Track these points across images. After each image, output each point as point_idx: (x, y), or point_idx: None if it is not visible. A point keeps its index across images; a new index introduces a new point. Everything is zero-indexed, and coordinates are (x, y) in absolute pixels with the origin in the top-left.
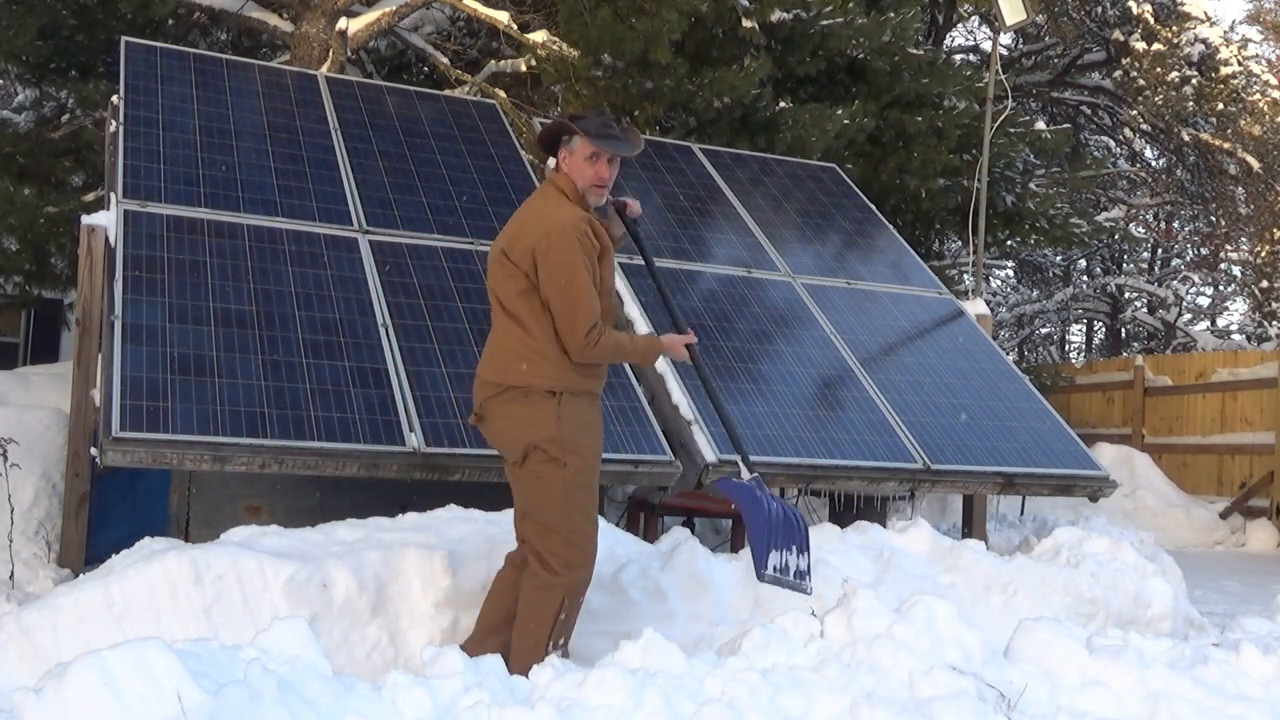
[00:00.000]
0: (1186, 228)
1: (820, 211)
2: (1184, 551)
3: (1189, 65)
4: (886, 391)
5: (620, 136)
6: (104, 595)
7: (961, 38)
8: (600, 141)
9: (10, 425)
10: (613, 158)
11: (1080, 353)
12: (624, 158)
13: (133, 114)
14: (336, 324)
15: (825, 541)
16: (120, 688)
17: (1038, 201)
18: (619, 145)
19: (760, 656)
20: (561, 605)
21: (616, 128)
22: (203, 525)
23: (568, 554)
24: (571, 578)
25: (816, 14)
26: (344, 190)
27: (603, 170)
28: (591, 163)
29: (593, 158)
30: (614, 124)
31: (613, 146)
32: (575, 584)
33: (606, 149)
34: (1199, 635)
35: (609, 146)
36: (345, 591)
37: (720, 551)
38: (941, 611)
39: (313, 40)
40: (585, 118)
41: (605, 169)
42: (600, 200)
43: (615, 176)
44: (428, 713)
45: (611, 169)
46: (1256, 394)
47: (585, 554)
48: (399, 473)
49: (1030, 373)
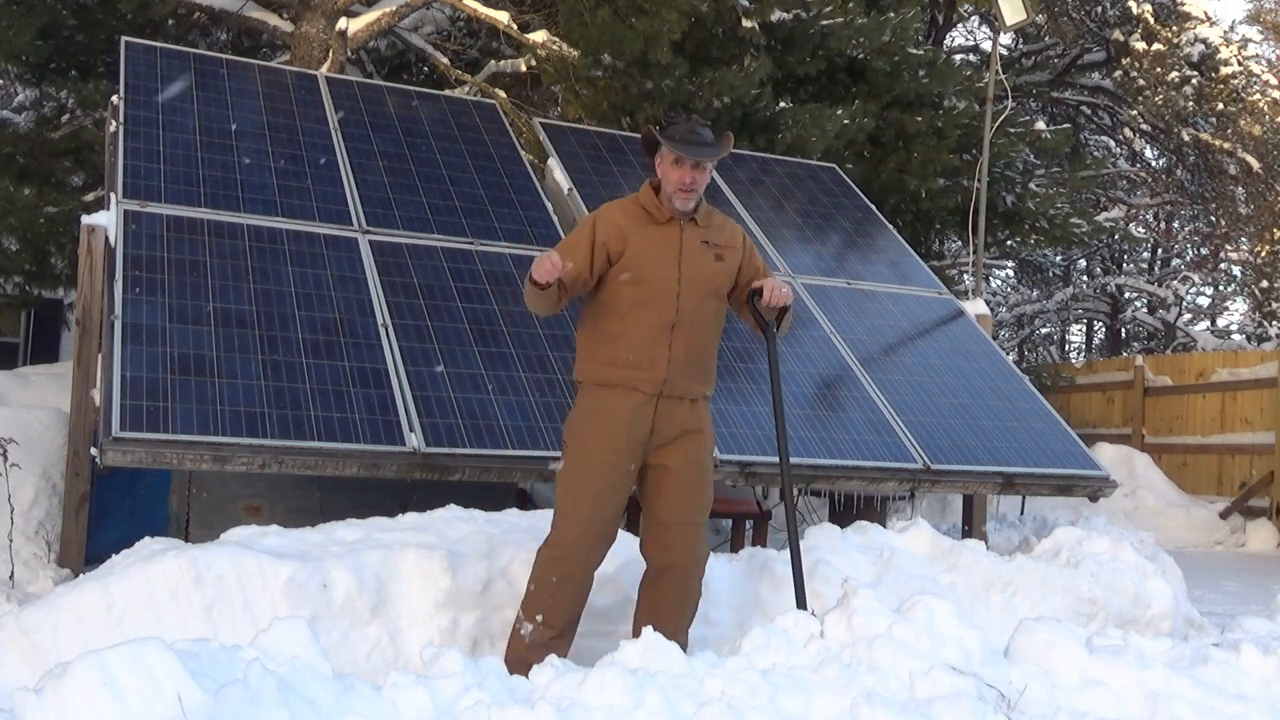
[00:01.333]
0: (1186, 228)
1: (820, 211)
2: (1184, 551)
3: (1189, 65)
4: (886, 391)
5: (705, 141)
6: (104, 595)
7: (961, 38)
8: (679, 146)
9: (10, 425)
10: (697, 163)
11: (1080, 353)
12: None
13: (133, 114)
14: (336, 324)
15: (825, 541)
16: (120, 688)
17: (1038, 201)
18: (699, 150)
19: (760, 656)
20: (533, 577)
21: (707, 132)
22: (203, 525)
23: (551, 533)
24: (545, 554)
25: (816, 14)
26: (344, 190)
27: (685, 175)
28: (676, 167)
29: (677, 163)
30: (704, 128)
31: (692, 152)
32: (545, 561)
33: (688, 154)
34: (1199, 635)
35: (689, 152)
36: (345, 591)
37: (720, 551)
38: (941, 611)
39: (313, 40)
40: (675, 124)
41: (688, 174)
42: (688, 204)
43: (706, 179)
44: (428, 713)
45: (696, 173)
46: (1256, 394)
47: (562, 537)
48: (399, 473)
49: (1030, 373)
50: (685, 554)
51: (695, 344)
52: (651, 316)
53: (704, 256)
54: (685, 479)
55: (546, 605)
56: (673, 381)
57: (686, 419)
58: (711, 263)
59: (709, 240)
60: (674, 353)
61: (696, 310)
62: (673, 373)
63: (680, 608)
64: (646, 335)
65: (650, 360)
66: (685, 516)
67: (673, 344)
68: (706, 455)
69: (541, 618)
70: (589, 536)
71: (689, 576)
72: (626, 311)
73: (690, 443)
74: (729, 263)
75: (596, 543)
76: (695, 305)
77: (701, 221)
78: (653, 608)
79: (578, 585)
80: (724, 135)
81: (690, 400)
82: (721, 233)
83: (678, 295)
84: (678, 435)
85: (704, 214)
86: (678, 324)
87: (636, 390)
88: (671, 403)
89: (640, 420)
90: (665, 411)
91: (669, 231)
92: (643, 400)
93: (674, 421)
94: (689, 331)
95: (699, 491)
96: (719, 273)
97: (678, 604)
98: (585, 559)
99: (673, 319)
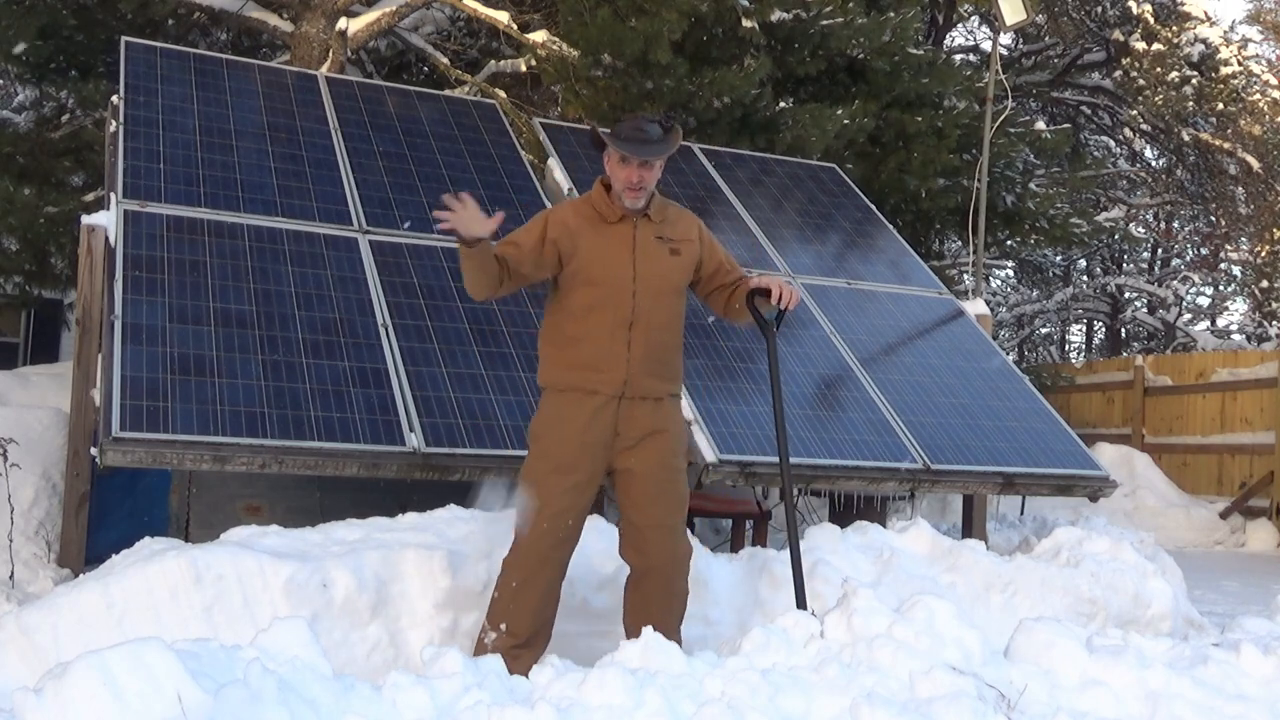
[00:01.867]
0: (1186, 228)
1: (820, 211)
2: (1184, 551)
3: (1189, 65)
4: (886, 391)
5: (650, 139)
6: (104, 595)
7: (961, 38)
8: (624, 145)
9: (10, 425)
10: (644, 161)
11: (1080, 353)
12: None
13: (133, 114)
14: (336, 324)
15: (825, 541)
16: (120, 688)
17: (1038, 201)
18: (644, 149)
19: (760, 656)
20: (497, 584)
21: (654, 128)
22: (203, 525)
23: (514, 537)
24: (507, 559)
25: (816, 14)
26: (344, 190)
27: (632, 174)
28: (623, 166)
29: (623, 161)
30: (651, 124)
31: (637, 150)
32: (506, 566)
33: (633, 153)
34: (1199, 635)
35: (634, 151)
36: (345, 591)
37: (720, 551)
38: (941, 611)
39: (313, 40)
40: (623, 122)
41: (635, 173)
42: (638, 202)
43: (655, 176)
44: (428, 713)
45: (644, 171)
46: (1256, 394)
47: (520, 537)
48: (399, 473)
49: (1030, 373)
50: (662, 557)
51: (655, 343)
52: (608, 317)
53: (659, 253)
54: (653, 481)
55: (509, 612)
56: (633, 382)
57: (651, 420)
58: (667, 259)
59: (663, 236)
60: (633, 353)
61: (654, 308)
62: (633, 373)
63: (667, 609)
64: (604, 336)
65: (609, 362)
66: (658, 519)
67: (631, 344)
68: (675, 455)
69: (505, 626)
70: (548, 538)
71: (671, 579)
72: (583, 314)
73: (656, 444)
74: (686, 257)
75: (557, 546)
76: (652, 303)
77: (655, 217)
78: (639, 610)
79: (540, 591)
80: (672, 131)
81: (655, 400)
82: (676, 227)
83: (634, 294)
84: (643, 437)
85: (657, 209)
86: (635, 323)
87: (597, 393)
88: (634, 404)
89: (600, 423)
90: (628, 413)
91: (621, 230)
92: (603, 402)
93: (637, 423)
94: (647, 330)
95: (670, 493)
96: (675, 268)
97: (664, 606)
98: (545, 561)
99: (630, 318)
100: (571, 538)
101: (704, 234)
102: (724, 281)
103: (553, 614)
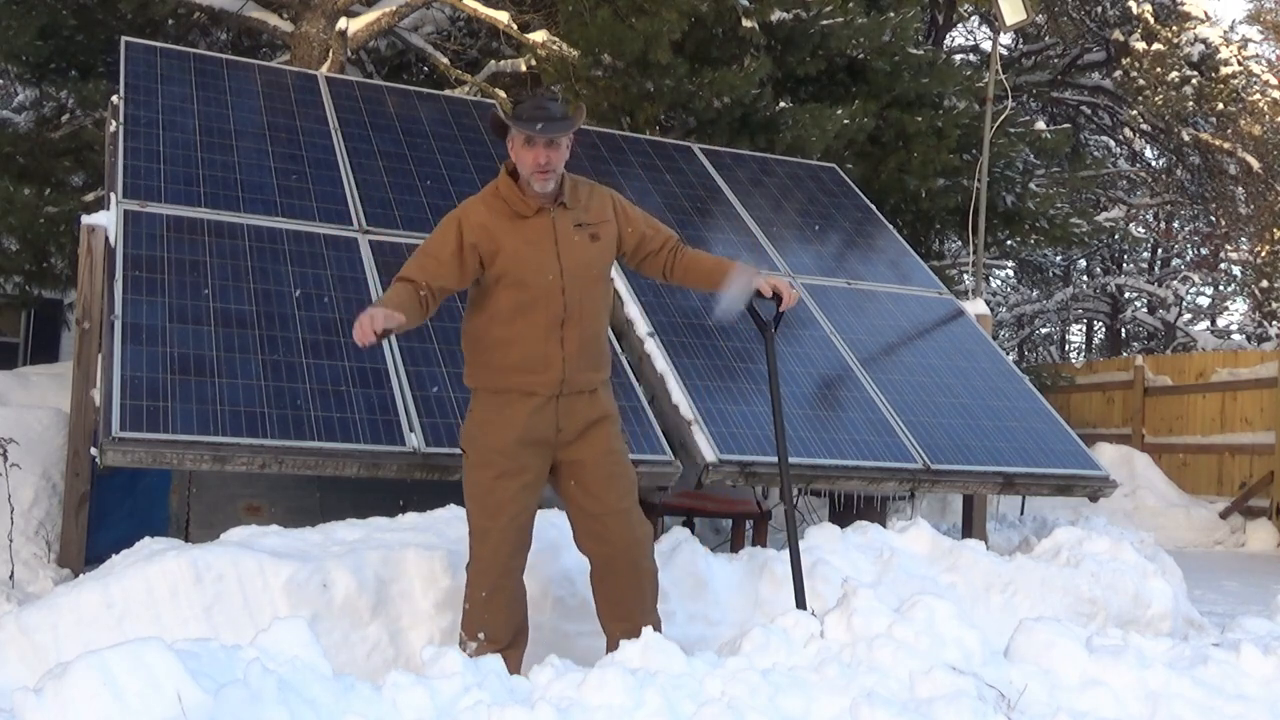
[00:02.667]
0: (1186, 228)
1: (820, 211)
2: (1184, 551)
3: (1189, 65)
4: (886, 391)
5: (552, 116)
6: (104, 595)
7: (961, 38)
8: (525, 125)
9: (10, 425)
10: (550, 140)
11: (1080, 353)
12: (564, 137)
13: (133, 114)
14: (336, 324)
15: (825, 541)
16: (120, 688)
17: (1038, 201)
18: (548, 127)
19: (760, 656)
20: (466, 595)
21: (556, 106)
22: (203, 525)
23: (470, 548)
24: (470, 570)
25: (816, 14)
26: (344, 190)
27: (539, 155)
28: (528, 148)
29: (528, 143)
30: (552, 102)
31: (541, 129)
32: (472, 577)
33: (535, 132)
34: (1199, 635)
35: (536, 130)
36: (345, 591)
37: (720, 551)
38: (941, 611)
39: (313, 40)
40: (522, 101)
41: (542, 153)
42: (547, 185)
43: (563, 156)
44: (428, 713)
45: (551, 152)
46: (1256, 394)
47: (481, 548)
48: (399, 473)
49: (1030, 373)
50: (623, 540)
51: (587, 335)
52: (539, 318)
53: (581, 242)
54: (603, 468)
55: (484, 620)
56: (570, 379)
57: (590, 410)
58: (589, 246)
59: (582, 223)
60: (567, 350)
61: (584, 300)
62: (569, 370)
63: (638, 592)
64: (536, 337)
65: (544, 363)
66: (613, 504)
67: (565, 341)
68: (617, 439)
69: (484, 634)
70: (506, 545)
71: (636, 559)
72: (512, 316)
73: (599, 431)
74: (606, 239)
75: (515, 550)
76: (582, 296)
77: (570, 203)
78: (612, 601)
79: (508, 595)
80: (575, 108)
81: (590, 392)
82: (590, 210)
83: (563, 290)
84: (585, 428)
85: (570, 193)
86: (567, 320)
87: (534, 394)
88: (572, 399)
89: (540, 422)
90: (567, 409)
91: (540, 225)
92: (541, 402)
93: (578, 416)
94: (579, 324)
95: (621, 476)
96: (598, 254)
97: (634, 589)
98: (507, 567)
99: (562, 315)
100: (528, 540)
101: (619, 206)
102: (651, 249)
103: (525, 613)
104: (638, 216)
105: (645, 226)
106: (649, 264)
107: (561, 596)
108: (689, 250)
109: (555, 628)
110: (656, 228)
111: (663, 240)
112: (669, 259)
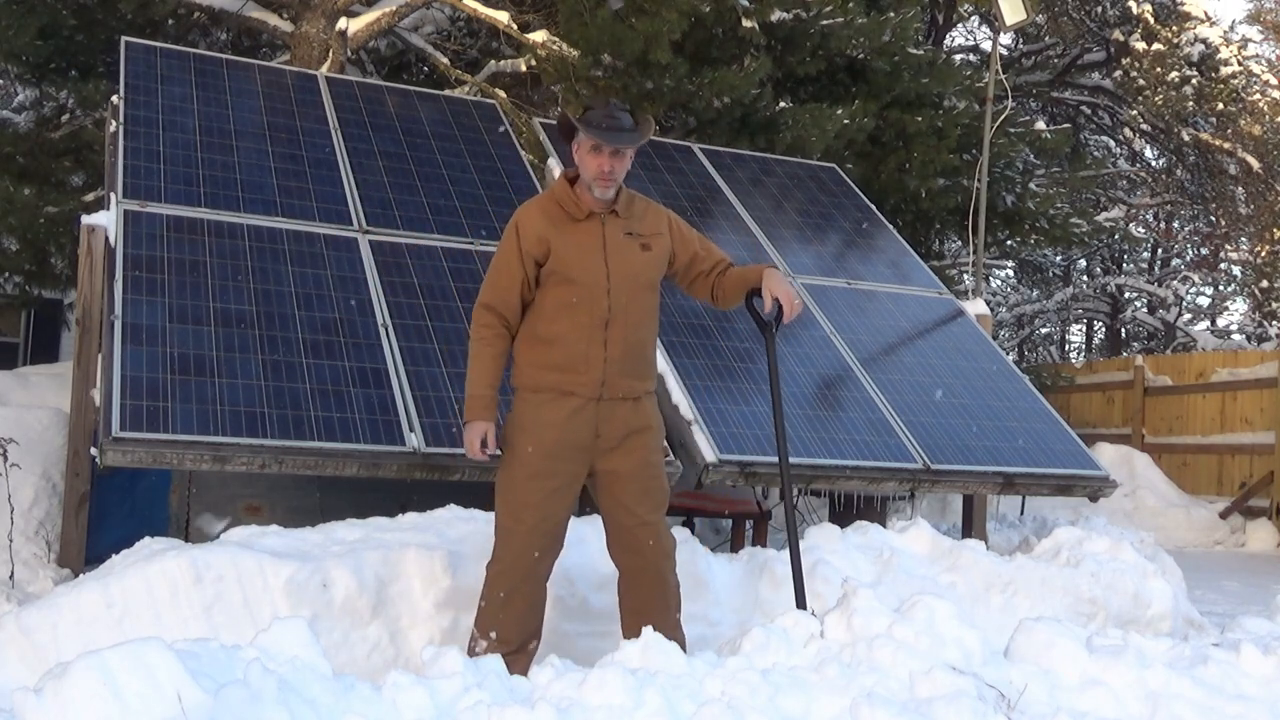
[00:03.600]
0: (1186, 228)
1: (820, 211)
2: (1184, 551)
3: (1189, 65)
4: (886, 391)
5: (624, 127)
6: (104, 595)
7: (961, 38)
8: (596, 133)
9: (10, 425)
10: (615, 150)
11: (1080, 353)
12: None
13: (133, 114)
14: (336, 324)
15: (825, 541)
16: (120, 688)
17: (1038, 201)
18: (619, 137)
19: (760, 656)
20: (483, 594)
21: (626, 117)
22: (202, 525)
23: (494, 547)
24: (491, 569)
25: (816, 14)
26: (344, 190)
27: (604, 163)
28: (594, 155)
29: (595, 150)
30: (623, 113)
31: (611, 139)
32: (492, 577)
33: (606, 140)
34: (1199, 635)
35: (607, 139)
36: (345, 591)
37: (720, 551)
38: (941, 611)
39: (313, 40)
40: (593, 109)
41: (606, 161)
42: (608, 192)
43: (625, 166)
44: (428, 713)
45: (615, 161)
46: (1256, 394)
47: (505, 551)
48: (399, 473)
49: (1030, 373)
50: (656, 552)
51: (632, 341)
52: (583, 318)
53: (630, 249)
54: (639, 480)
55: (498, 621)
56: (611, 383)
57: (631, 419)
58: (639, 254)
59: (633, 231)
60: (610, 353)
61: (629, 306)
62: (610, 373)
63: (663, 603)
64: (579, 337)
65: (585, 363)
66: (646, 516)
67: (608, 343)
68: (656, 452)
69: (495, 634)
70: (532, 549)
71: (664, 574)
72: (556, 313)
73: (638, 442)
74: (657, 251)
75: (542, 554)
76: (627, 301)
77: (623, 212)
78: (637, 612)
79: (527, 599)
80: (644, 120)
81: (633, 399)
82: (644, 221)
83: (608, 292)
84: (624, 437)
85: (624, 203)
86: (612, 322)
87: (573, 395)
88: (613, 404)
89: (579, 425)
90: (608, 414)
91: (590, 228)
92: (580, 404)
93: (618, 423)
94: (624, 329)
95: (655, 490)
96: (648, 264)
97: (661, 602)
98: (530, 572)
99: (606, 317)
100: (556, 545)
101: (675, 225)
102: (702, 269)
103: (541, 618)
104: (692, 236)
105: (699, 246)
106: (699, 284)
107: (561, 596)
108: (735, 268)
109: (555, 628)
110: (709, 249)
111: (714, 262)
112: (718, 280)
